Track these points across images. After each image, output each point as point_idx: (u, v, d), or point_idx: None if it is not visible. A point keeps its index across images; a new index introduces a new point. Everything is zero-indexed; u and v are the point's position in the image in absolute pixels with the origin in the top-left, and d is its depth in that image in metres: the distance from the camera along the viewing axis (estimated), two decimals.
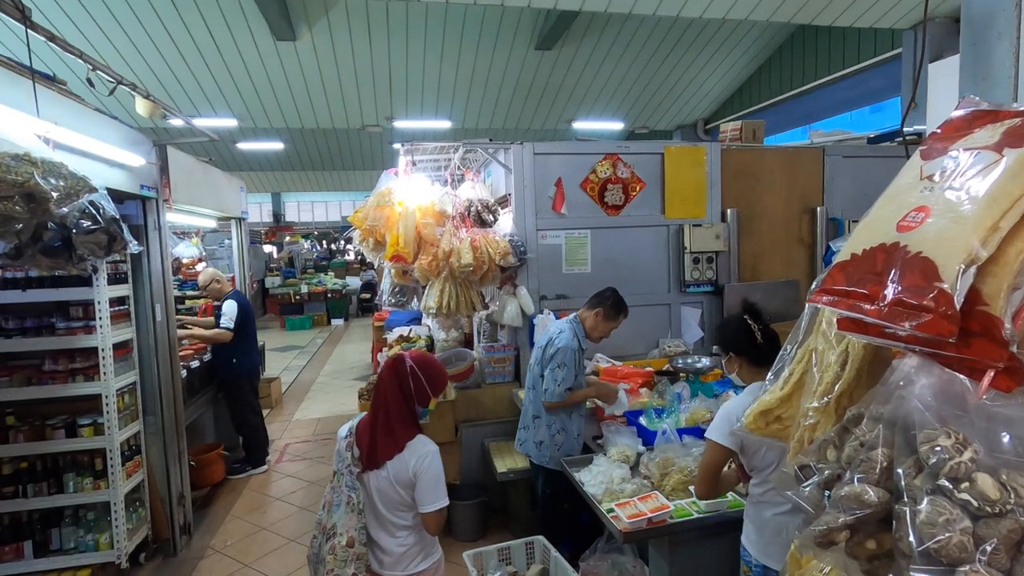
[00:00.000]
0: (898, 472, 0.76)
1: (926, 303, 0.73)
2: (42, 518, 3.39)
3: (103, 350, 3.32)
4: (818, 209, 4.42)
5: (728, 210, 4.23)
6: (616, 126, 13.02)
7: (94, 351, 3.33)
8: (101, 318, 3.31)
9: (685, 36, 9.80)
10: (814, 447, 0.94)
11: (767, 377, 1.21)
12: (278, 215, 20.70)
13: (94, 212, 2.26)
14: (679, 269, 4.20)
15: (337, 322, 14.29)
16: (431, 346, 4.96)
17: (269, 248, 17.70)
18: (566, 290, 4.05)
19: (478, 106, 11.63)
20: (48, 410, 3.41)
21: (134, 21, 8.16)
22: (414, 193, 3.92)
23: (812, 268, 4.45)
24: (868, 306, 0.81)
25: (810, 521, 0.83)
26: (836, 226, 4.43)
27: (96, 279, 3.27)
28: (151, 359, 3.70)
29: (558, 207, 4.01)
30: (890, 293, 0.78)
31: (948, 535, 0.67)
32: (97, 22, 8.12)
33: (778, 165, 4.38)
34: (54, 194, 1.97)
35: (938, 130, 0.95)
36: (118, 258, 3.42)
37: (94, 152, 2.97)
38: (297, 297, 14.43)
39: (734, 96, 11.84)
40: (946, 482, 0.70)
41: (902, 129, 1.71)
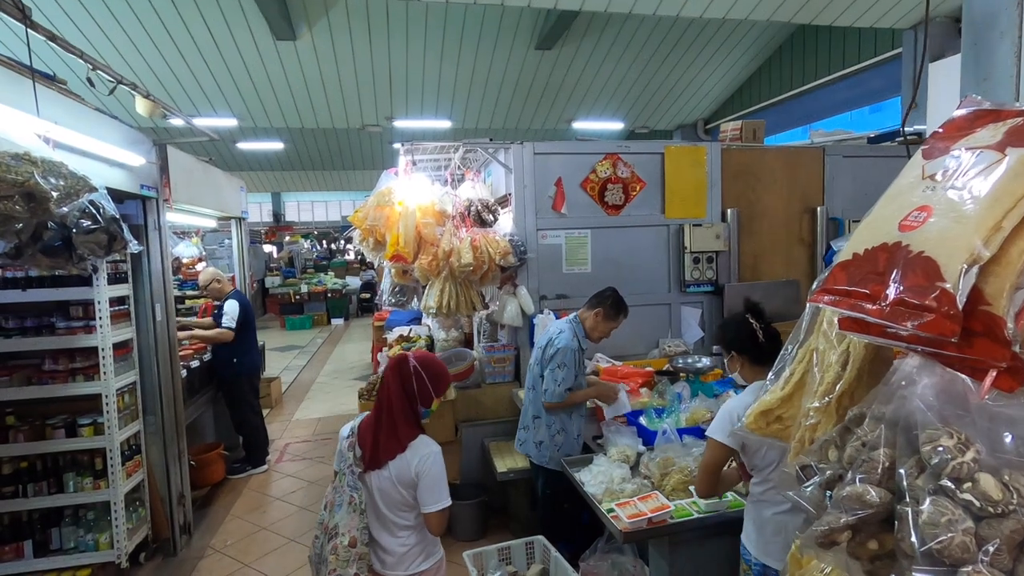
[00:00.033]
0: (900, 472, 0.76)
1: (928, 303, 0.73)
2: (42, 518, 3.39)
3: (103, 350, 3.32)
4: (818, 209, 4.42)
5: (728, 210, 4.23)
6: (616, 126, 13.02)
7: (94, 351, 3.33)
8: (101, 318, 3.31)
9: (685, 36, 9.80)
10: (815, 447, 0.94)
11: (768, 377, 1.20)
12: (278, 215, 20.71)
13: (94, 212, 2.26)
14: (679, 269, 4.20)
15: (337, 322, 14.29)
16: (431, 346, 4.96)
17: (269, 248, 17.70)
18: (566, 290, 4.05)
19: (478, 106, 11.63)
20: (48, 410, 3.41)
21: (134, 21, 8.17)
22: (414, 193, 3.92)
23: (812, 268, 4.45)
24: (870, 306, 0.80)
25: (811, 521, 0.83)
26: (836, 226, 4.43)
27: (96, 279, 3.27)
28: (151, 359, 3.70)
29: (558, 207, 4.01)
30: (892, 293, 0.78)
31: (950, 535, 0.67)
32: (97, 22, 8.12)
33: (778, 165, 4.37)
34: (54, 194, 1.97)
35: (940, 129, 0.94)
36: (118, 258, 3.42)
37: (94, 151, 2.97)
38: (297, 297, 14.43)
39: (734, 96, 11.84)
40: (948, 482, 0.70)
41: (903, 129, 1.70)
